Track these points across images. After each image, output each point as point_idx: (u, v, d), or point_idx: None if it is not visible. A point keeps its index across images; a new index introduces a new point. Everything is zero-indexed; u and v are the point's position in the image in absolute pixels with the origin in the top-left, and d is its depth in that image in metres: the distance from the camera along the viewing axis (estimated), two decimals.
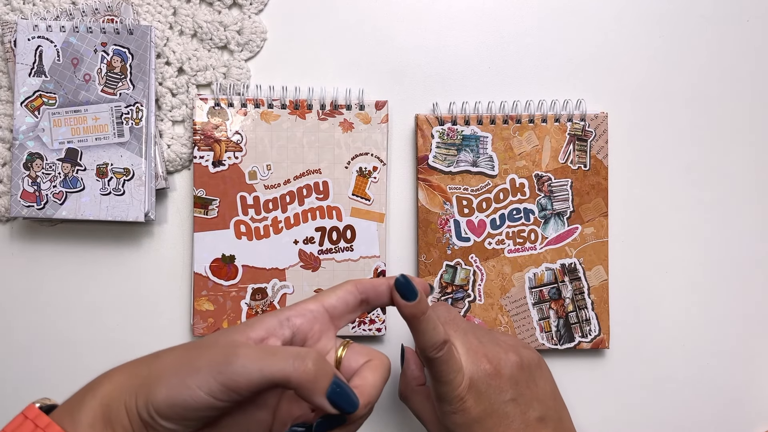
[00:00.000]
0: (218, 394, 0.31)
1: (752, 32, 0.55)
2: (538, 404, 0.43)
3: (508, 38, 0.54)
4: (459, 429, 0.41)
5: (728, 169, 0.55)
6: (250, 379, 0.31)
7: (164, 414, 0.31)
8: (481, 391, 0.41)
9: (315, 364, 0.32)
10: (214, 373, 0.31)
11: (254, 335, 0.34)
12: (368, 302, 0.38)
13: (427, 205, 0.52)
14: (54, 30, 0.50)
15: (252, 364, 0.31)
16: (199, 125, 0.51)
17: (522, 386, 0.43)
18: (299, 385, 0.32)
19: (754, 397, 0.55)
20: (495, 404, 0.41)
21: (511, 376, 0.42)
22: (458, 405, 0.41)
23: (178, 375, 0.32)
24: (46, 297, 0.53)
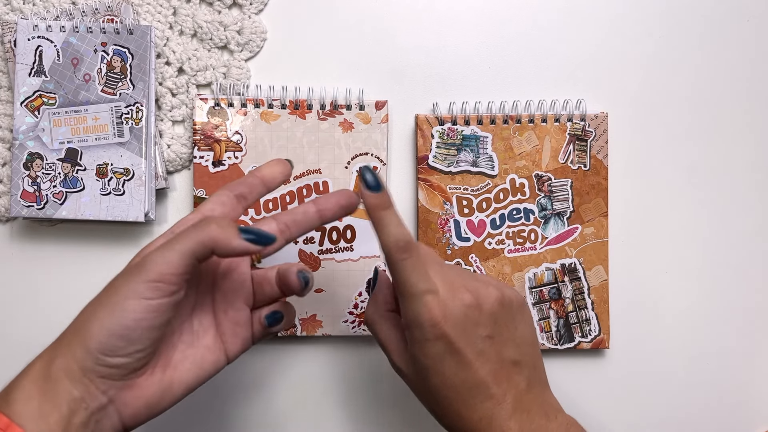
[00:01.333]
0: (147, 292, 0.33)
1: (752, 32, 0.55)
2: (515, 347, 0.38)
3: (508, 38, 0.54)
4: (429, 360, 0.37)
5: (728, 169, 0.55)
6: (169, 261, 0.33)
7: (105, 346, 0.33)
8: (458, 321, 0.36)
9: (217, 222, 0.34)
10: (135, 279, 0.33)
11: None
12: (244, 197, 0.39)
13: (427, 205, 0.52)
14: (54, 30, 0.50)
15: (167, 250, 0.33)
16: (199, 125, 0.51)
17: (501, 324, 0.38)
18: (214, 244, 0.33)
19: (754, 397, 0.55)
20: (471, 337, 0.37)
21: (491, 311, 0.38)
22: (431, 331, 0.36)
23: (104, 306, 0.33)
24: (46, 297, 0.53)
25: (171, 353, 0.37)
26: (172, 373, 0.36)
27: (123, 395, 0.34)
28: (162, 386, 0.36)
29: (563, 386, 0.54)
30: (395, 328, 0.40)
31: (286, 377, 0.53)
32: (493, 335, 0.37)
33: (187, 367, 0.37)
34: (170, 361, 0.36)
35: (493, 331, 0.38)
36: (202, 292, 0.39)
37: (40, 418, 0.32)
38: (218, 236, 0.34)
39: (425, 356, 0.37)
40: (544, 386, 0.40)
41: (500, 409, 0.36)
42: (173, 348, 0.37)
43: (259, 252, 0.35)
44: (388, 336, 0.40)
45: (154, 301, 0.33)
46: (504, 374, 0.37)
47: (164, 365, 0.36)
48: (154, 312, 0.33)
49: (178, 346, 0.37)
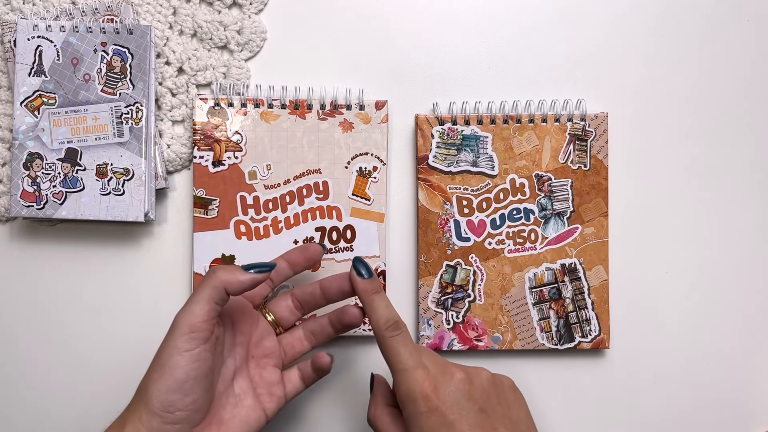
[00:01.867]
0: (185, 344, 0.38)
1: (752, 32, 0.55)
2: (510, 424, 0.40)
3: (508, 38, 0.54)
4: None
5: (728, 169, 0.55)
6: (194, 312, 0.39)
7: (165, 403, 0.38)
8: (450, 393, 0.39)
9: (222, 268, 0.41)
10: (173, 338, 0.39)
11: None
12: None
13: (427, 205, 0.52)
14: (54, 30, 0.50)
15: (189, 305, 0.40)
16: (199, 125, 0.51)
17: (493, 401, 0.40)
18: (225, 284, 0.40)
19: (754, 397, 0.55)
20: (464, 410, 0.39)
21: (482, 387, 0.40)
22: (424, 404, 0.38)
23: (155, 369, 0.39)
24: (46, 297, 0.53)
25: (222, 412, 0.42)
26: (226, 428, 0.41)
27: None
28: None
29: (563, 386, 0.54)
30: (396, 420, 0.42)
31: None
32: (486, 410, 0.39)
33: (236, 424, 0.42)
34: (222, 419, 0.42)
35: (485, 406, 0.39)
36: (239, 361, 0.44)
37: None
38: (226, 278, 0.40)
39: (420, 430, 0.39)
40: None
41: None
42: (223, 408, 0.42)
43: (264, 279, 0.41)
44: (389, 428, 0.42)
45: (194, 350, 0.39)
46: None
47: (218, 422, 0.41)
48: (197, 361, 0.39)
49: (226, 406, 0.42)
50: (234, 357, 0.44)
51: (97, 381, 0.53)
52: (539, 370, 0.53)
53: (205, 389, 0.39)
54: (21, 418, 0.53)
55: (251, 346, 0.45)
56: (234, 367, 0.44)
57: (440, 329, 0.52)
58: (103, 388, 0.52)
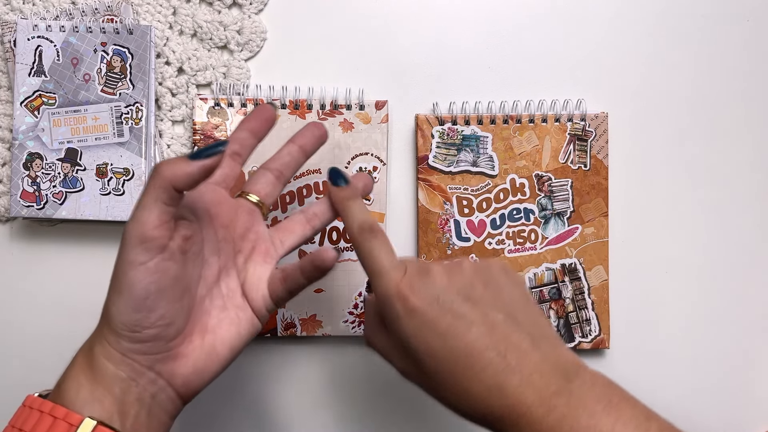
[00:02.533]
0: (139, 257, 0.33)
1: (752, 32, 0.55)
2: (504, 306, 0.35)
3: (508, 38, 0.54)
4: (412, 340, 0.35)
5: (728, 169, 0.55)
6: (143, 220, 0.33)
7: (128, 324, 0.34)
8: (427, 290, 0.35)
9: (165, 162, 0.33)
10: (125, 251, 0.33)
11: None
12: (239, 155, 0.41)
13: (427, 205, 0.52)
14: (54, 30, 0.50)
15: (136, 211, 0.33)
16: (199, 125, 0.51)
17: (478, 288, 0.36)
18: (172, 181, 0.33)
19: (754, 397, 0.55)
20: (445, 303, 0.35)
21: (462, 276, 0.36)
22: (401, 307, 0.35)
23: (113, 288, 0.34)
24: (46, 297, 0.53)
25: (205, 319, 0.37)
26: (212, 337, 0.37)
27: (168, 367, 0.35)
28: (205, 350, 0.36)
29: None
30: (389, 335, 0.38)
31: (286, 377, 0.53)
32: (471, 298, 0.35)
33: (225, 328, 0.37)
34: (207, 326, 0.37)
35: (470, 295, 0.35)
36: (225, 258, 0.39)
37: (95, 402, 0.33)
38: (171, 173, 0.33)
39: (406, 336, 0.35)
40: (554, 342, 0.35)
41: (507, 374, 0.33)
42: (206, 314, 0.37)
43: (216, 164, 0.34)
44: (384, 345, 0.39)
45: (150, 262, 0.33)
46: (499, 336, 0.34)
47: (201, 331, 0.37)
48: (155, 273, 0.33)
49: (211, 311, 0.37)
50: (218, 254, 0.38)
51: None
52: None
53: (173, 300, 0.34)
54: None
55: (236, 239, 0.39)
56: (218, 266, 0.38)
57: None
58: None
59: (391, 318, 0.36)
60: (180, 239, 0.35)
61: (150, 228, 0.33)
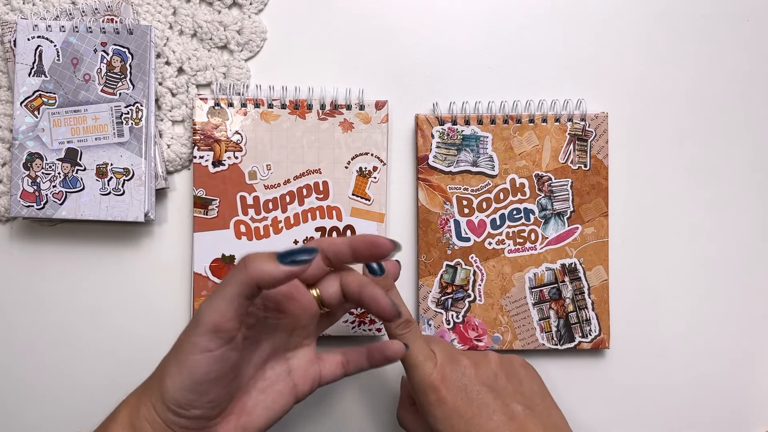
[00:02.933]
0: (207, 344, 0.34)
1: (752, 32, 0.55)
2: (523, 398, 0.42)
3: (508, 38, 0.54)
4: (440, 424, 0.40)
5: (728, 169, 0.55)
6: (219, 309, 0.34)
7: (180, 401, 0.35)
8: (456, 381, 0.41)
9: (254, 257, 0.34)
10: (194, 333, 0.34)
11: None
12: (328, 259, 0.40)
13: (427, 205, 0.52)
14: (54, 30, 0.50)
15: (215, 299, 0.34)
16: (199, 125, 0.51)
17: (501, 380, 0.42)
18: (257, 279, 0.33)
19: (754, 397, 0.55)
20: (471, 393, 0.40)
21: (488, 368, 0.42)
22: (433, 396, 0.40)
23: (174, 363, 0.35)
24: (46, 297, 0.53)
25: (245, 399, 0.39)
26: (246, 419, 0.38)
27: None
28: (238, 430, 0.38)
29: (563, 386, 0.54)
30: (420, 417, 0.43)
31: None
32: (495, 389, 0.41)
33: (259, 413, 0.39)
34: (245, 408, 0.38)
35: (494, 386, 0.41)
36: (278, 344, 0.40)
37: None
38: (258, 271, 0.34)
39: (435, 420, 0.40)
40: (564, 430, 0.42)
41: None
42: (247, 395, 0.39)
43: (303, 272, 0.34)
44: (416, 425, 0.44)
45: (217, 351, 0.34)
46: (516, 424, 0.39)
47: (239, 412, 0.38)
48: (219, 362, 0.35)
49: (251, 392, 0.39)
50: (273, 340, 0.39)
51: (98, 380, 0.53)
52: (539, 370, 0.53)
53: (225, 385, 0.36)
54: (22, 416, 0.53)
55: (295, 329, 0.40)
56: (270, 351, 0.40)
57: (440, 329, 0.52)
58: (104, 387, 0.52)
59: (424, 405, 0.41)
60: (246, 328, 0.37)
61: (226, 320, 0.34)
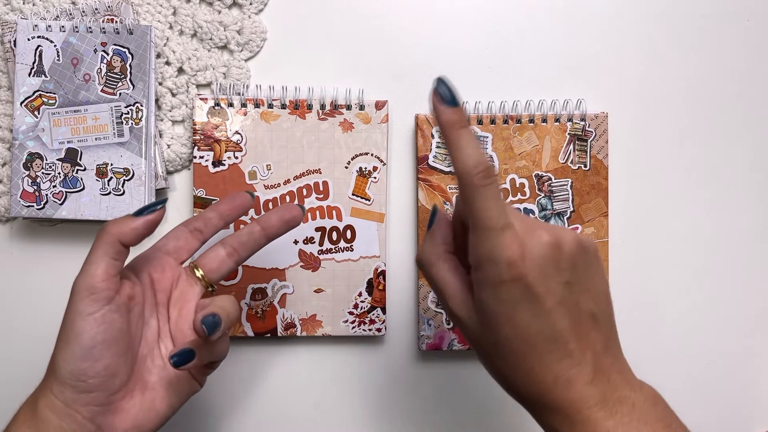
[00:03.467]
0: (87, 308, 0.35)
1: (752, 32, 0.55)
2: (593, 299, 0.34)
3: (508, 38, 0.54)
4: (501, 306, 0.32)
5: (728, 169, 0.55)
6: (90, 273, 0.36)
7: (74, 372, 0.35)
8: (538, 261, 0.32)
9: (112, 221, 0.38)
10: (73, 302, 0.36)
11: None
12: (199, 231, 0.42)
13: (427, 205, 0.52)
14: (54, 30, 0.50)
15: (85, 265, 0.37)
16: (199, 125, 0.51)
17: (579, 271, 0.34)
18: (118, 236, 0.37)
19: (755, 397, 0.55)
20: (551, 282, 0.32)
21: (570, 254, 0.33)
22: (508, 271, 0.32)
23: (61, 339, 0.36)
24: (46, 297, 0.53)
25: (146, 376, 0.39)
26: (152, 394, 0.38)
27: (109, 420, 0.37)
28: (144, 406, 0.38)
29: None
30: (455, 271, 0.36)
31: (285, 377, 0.53)
32: (572, 282, 0.33)
33: (164, 387, 0.39)
34: (147, 384, 0.39)
35: (572, 278, 0.33)
36: (163, 321, 0.41)
37: None
38: (117, 229, 0.37)
39: (497, 301, 0.32)
40: (620, 350, 0.35)
41: (579, 370, 0.32)
42: (148, 372, 0.39)
43: (158, 218, 0.38)
44: (446, 279, 0.35)
45: (97, 313, 0.36)
46: (583, 330, 0.33)
47: (142, 388, 0.38)
48: (102, 323, 0.36)
49: (152, 370, 0.39)
50: (156, 317, 0.40)
51: None
52: None
53: (118, 353, 0.36)
54: None
55: (172, 306, 0.41)
56: (157, 328, 0.40)
57: (440, 329, 0.52)
58: None
59: (488, 278, 0.32)
60: (125, 296, 0.37)
61: (98, 280, 0.36)
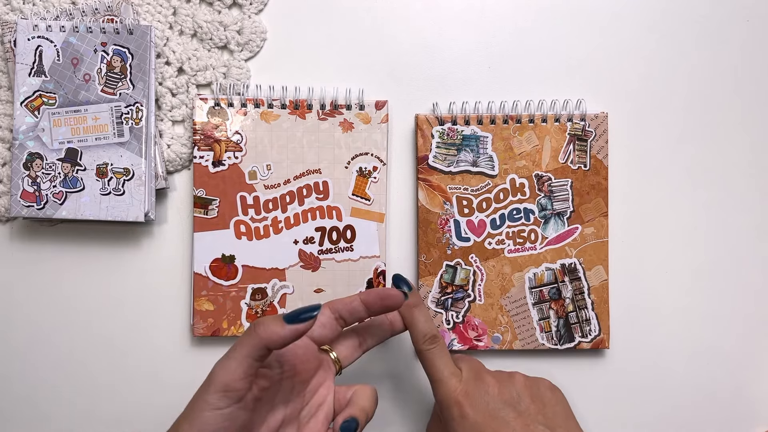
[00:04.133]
0: (217, 402, 0.36)
1: (752, 32, 0.55)
2: (546, 420, 0.42)
3: (508, 38, 0.54)
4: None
5: (728, 169, 0.55)
6: (230, 369, 0.37)
7: None
8: (480, 399, 0.42)
9: (262, 321, 0.38)
10: (206, 391, 0.37)
11: None
12: (343, 319, 0.43)
13: (427, 205, 0.52)
14: (54, 30, 0.50)
15: (226, 360, 0.37)
16: (199, 125, 0.51)
17: (525, 401, 0.42)
18: (266, 341, 0.37)
19: (754, 397, 0.55)
20: (493, 411, 0.41)
21: (513, 389, 0.43)
22: (456, 411, 0.42)
23: (186, 420, 0.37)
24: (46, 297, 0.53)
25: None
26: None
27: None
28: None
29: (563, 386, 0.53)
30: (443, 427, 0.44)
31: None
32: (519, 410, 0.42)
33: None
34: None
35: (518, 407, 0.42)
36: (291, 409, 0.42)
37: None
38: (266, 333, 0.37)
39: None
40: None
41: None
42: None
43: (308, 329, 0.38)
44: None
45: (226, 409, 0.37)
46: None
47: None
48: (228, 420, 0.37)
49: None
50: (287, 403, 0.42)
51: (96, 381, 0.53)
52: (539, 370, 0.53)
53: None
54: (20, 417, 0.53)
55: (307, 393, 0.43)
56: (284, 415, 0.41)
57: (440, 329, 0.52)
58: (102, 387, 0.52)
59: (447, 419, 0.42)
60: (257, 389, 0.39)
61: (235, 379, 0.37)
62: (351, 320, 0.44)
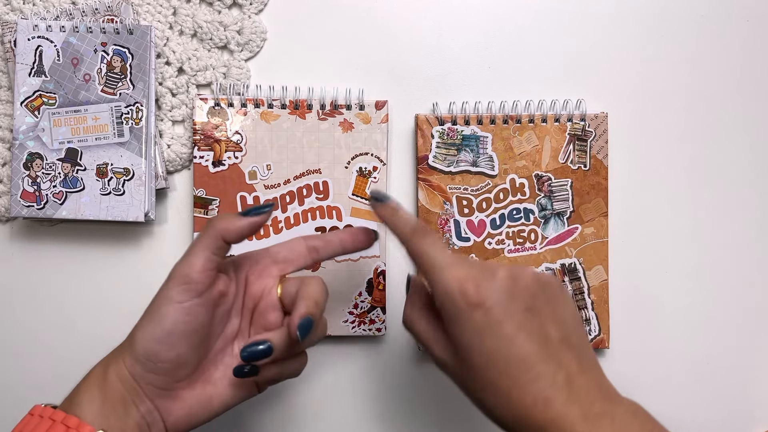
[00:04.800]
0: (177, 296, 0.36)
1: (752, 32, 0.55)
2: (559, 325, 0.35)
3: (508, 38, 0.54)
4: (467, 337, 0.34)
5: (728, 169, 0.55)
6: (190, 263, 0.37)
7: (149, 351, 0.36)
8: (493, 291, 0.34)
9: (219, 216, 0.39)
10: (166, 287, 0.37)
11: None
12: (317, 250, 0.42)
13: (427, 205, 0.52)
14: (54, 30, 0.50)
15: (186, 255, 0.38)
16: (199, 125, 0.51)
17: (540, 301, 0.35)
18: (223, 233, 0.37)
19: (754, 397, 0.55)
20: (509, 309, 0.34)
21: (527, 286, 0.35)
22: (463, 300, 0.34)
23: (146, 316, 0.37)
24: (46, 297, 0.53)
25: (212, 371, 0.40)
26: (212, 389, 0.39)
27: (167, 404, 0.38)
28: (202, 399, 0.39)
29: None
30: (434, 322, 0.38)
31: None
32: (532, 309, 0.35)
33: (225, 385, 0.39)
34: (210, 378, 0.39)
35: (532, 306, 0.35)
36: (245, 323, 0.41)
37: (102, 417, 0.35)
38: (223, 225, 0.38)
39: (463, 333, 0.34)
40: (599, 370, 0.36)
41: (555, 390, 0.33)
42: (214, 366, 0.40)
43: (263, 221, 0.39)
44: (427, 330, 0.38)
45: (186, 303, 0.37)
46: (551, 352, 0.34)
47: (205, 381, 0.39)
48: (187, 314, 0.37)
49: (219, 366, 0.40)
50: (240, 317, 0.41)
51: None
52: None
53: (193, 345, 0.37)
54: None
55: (255, 314, 0.41)
56: (238, 327, 0.41)
57: None
58: None
59: (450, 312, 0.35)
60: (216, 293, 0.38)
61: (195, 271, 0.37)
62: (324, 252, 0.42)
